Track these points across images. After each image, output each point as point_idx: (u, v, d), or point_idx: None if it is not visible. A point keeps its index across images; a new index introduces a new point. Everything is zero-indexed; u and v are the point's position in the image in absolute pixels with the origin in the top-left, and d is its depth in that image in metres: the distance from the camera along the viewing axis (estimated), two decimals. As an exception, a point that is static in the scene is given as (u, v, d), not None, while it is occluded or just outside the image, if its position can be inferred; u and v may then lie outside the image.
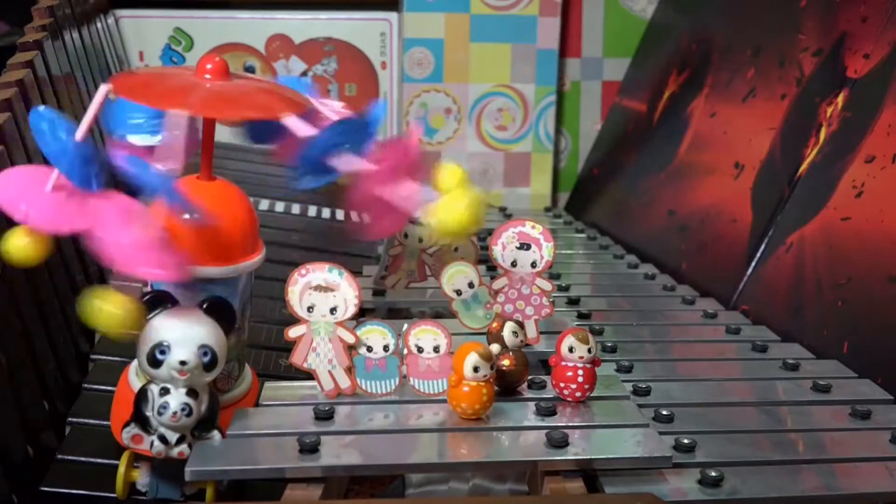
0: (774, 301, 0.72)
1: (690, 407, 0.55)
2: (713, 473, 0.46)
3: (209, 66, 0.48)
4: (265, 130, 0.54)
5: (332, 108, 0.52)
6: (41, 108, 0.45)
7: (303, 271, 0.51)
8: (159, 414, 0.45)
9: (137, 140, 0.50)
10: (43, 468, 0.53)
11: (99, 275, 0.73)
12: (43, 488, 0.52)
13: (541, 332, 0.60)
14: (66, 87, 0.77)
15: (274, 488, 0.46)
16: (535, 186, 1.15)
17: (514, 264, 0.58)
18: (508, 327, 0.54)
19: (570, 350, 0.51)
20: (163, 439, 0.46)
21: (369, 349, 0.52)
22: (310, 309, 0.51)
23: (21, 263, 0.45)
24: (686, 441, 0.49)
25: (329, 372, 0.52)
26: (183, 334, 0.45)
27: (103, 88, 0.47)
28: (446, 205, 0.45)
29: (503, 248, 0.58)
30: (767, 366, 0.62)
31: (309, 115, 0.50)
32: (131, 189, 0.45)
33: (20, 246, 0.44)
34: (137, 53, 1.08)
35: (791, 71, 0.82)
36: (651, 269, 0.86)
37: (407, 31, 1.10)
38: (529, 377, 0.54)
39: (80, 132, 0.45)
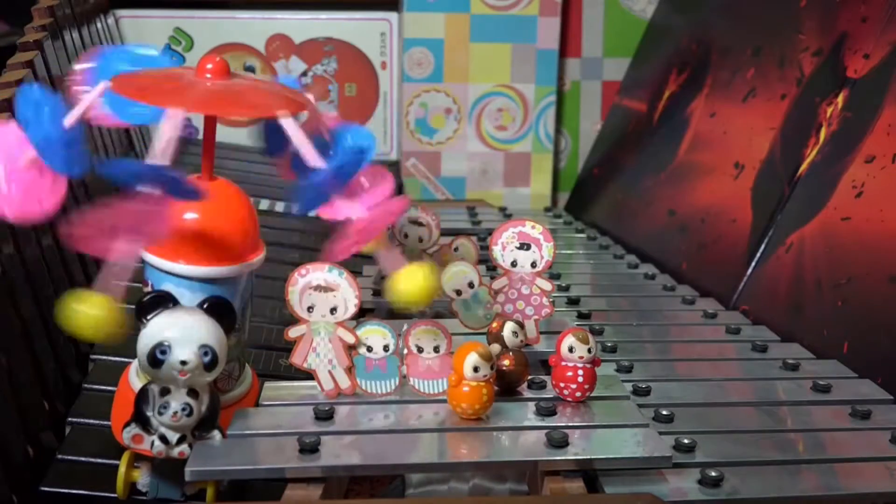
0: (774, 301, 0.72)
1: (690, 407, 0.55)
2: (713, 473, 0.46)
3: (209, 66, 0.48)
4: (281, 143, 0.53)
5: (327, 117, 0.52)
6: (29, 87, 0.46)
7: (303, 271, 0.51)
8: (160, 414, 0.45)
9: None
10: (43, 468, 0.53)
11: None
12: (43, 488, 0.52)
13: (541, 332, 0.60)
14: (66, 87, 0.77)
15: (274, 488, 0.46)
16: (535, 186, 1.15)
17: (514, 264, 0.58)
18: (508, 327, 0.54)
19: (570, 350, 0.51)
20: (163, 439, 0.46)
21: (369, 349, 0.52)
22: (310, 309, 0.51)
23: None
24: (686, 441, 0.49)
25: (329, 372, 0.52)
26: (183, 334, 0.45)
27: (102, 84, 0.47)
28: (405, 276, 0.47)
29: (503, 248, 0.58)
30: (767, 366, 0.62)
31: (311, 119, 0.50)
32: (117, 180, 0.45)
33: None
34: (137, 53, 1.08)
35: (791, 71, 0.82)
36: (651, 269, 0.86)
37: (407, 31, 1.10)
38: (529, 377, 0.54)
39: (71, 119, 0.46)
